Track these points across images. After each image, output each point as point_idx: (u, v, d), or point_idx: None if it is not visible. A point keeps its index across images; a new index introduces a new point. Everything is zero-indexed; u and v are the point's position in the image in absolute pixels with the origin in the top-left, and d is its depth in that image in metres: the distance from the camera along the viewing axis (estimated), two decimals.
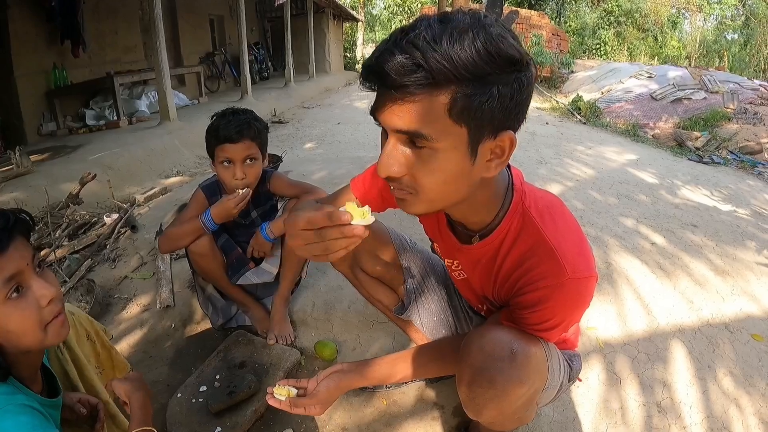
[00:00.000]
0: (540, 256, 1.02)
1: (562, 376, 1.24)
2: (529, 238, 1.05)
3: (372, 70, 0.83)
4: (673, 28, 22.85)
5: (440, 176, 0.89)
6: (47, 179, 4.13)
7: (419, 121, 0.82)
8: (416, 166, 0.88)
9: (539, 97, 12.37)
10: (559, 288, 1.00)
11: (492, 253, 1.11)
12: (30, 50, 6.05)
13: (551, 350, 1.17)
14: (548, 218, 1.05)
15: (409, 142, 0.87)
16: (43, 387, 1.14)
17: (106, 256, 2.93)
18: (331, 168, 4.58)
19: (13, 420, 0.94)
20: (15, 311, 0.97)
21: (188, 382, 1.84)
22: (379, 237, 1.55)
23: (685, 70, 11.13)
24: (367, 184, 1.33)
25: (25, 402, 0.99)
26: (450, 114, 0.82)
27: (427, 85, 0.79)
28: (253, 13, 13.84)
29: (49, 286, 1.02)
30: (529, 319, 1.07)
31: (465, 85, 0.80)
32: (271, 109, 8.68)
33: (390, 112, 0.84)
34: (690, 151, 7.15)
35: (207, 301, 2.12)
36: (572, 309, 1.06)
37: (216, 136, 1.86)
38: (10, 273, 0.95)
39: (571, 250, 1.01)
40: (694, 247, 3.22)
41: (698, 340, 2.26)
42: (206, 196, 2.01)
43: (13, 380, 1.02)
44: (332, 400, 1.28)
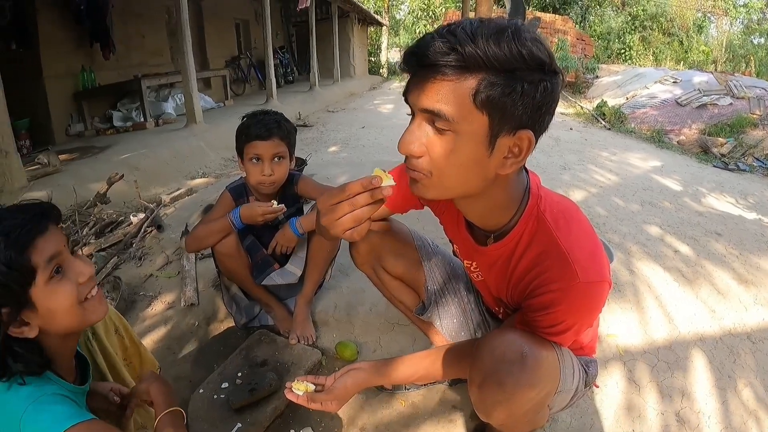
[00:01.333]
0: (552, 260, 1.04)
1: (577, 381, 1.25)
2: (542, 242, 1.07)
3: (411, 51, 0.90)
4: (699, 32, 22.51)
5: (455, 161, 0.92)
6: (75, 179, 4.23)
7: (445, 101, 0.87)
8: (435, 148, 0.92)
9: (564, 102, 12.28)
10: (570, 292, 1.01)
11: (507, 256, 1.13)
12: (59, 53, 6.19)
13: (564, 355, 1.18)
14: (563, 223, 1.07)
15: (432, 122, 0.91)
16: (76, 376, 1.19)
17: (132, 254, 3.00)
18: (355, 172, 4.62)
19: (50, 412, 0.98)
20: (57, 291, 1.01)
21: (210, 378, 1.88)
22: (402, 238, 1.58)
23: (711, 76, 10.96)
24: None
25: (57, 391, 1.03)
26: (474, 100, 0.86)
27: (458, 68, 0.85)
28: (278, 17, 13.98)
29: (86, 264, 1.08)
30: (540, 321, 1.08)
31: (493, 74, 0.85)
32: (296, 113, 8.76)
33: (419, 90, 0.90)
34: (715, 158, 7.04)
35: (231, 301, 2.17)
36: (583, 313, 1.06)
37: (247, 134, 1.94)
38: (50, 253, 1.00)
39: (583, 255, 1.03)
40: (718, 256, 3.18)
41: (719, 349, 2.24)
42: (233, 198, 2.07)
43: (48, 373, 1.06)
44: (348, 397, 1.30)
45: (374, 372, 1.31)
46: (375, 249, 1.55)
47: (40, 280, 0.99)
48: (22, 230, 0.97)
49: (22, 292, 0.98)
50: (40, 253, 0.98)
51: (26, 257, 0.97)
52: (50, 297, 1.01)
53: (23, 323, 1.00)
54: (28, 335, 1.01)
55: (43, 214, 1.03)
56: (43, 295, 1.00)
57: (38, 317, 1.01)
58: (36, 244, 0.98)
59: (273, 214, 1.91)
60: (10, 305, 0.97)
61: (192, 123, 6.23)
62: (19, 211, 1.02)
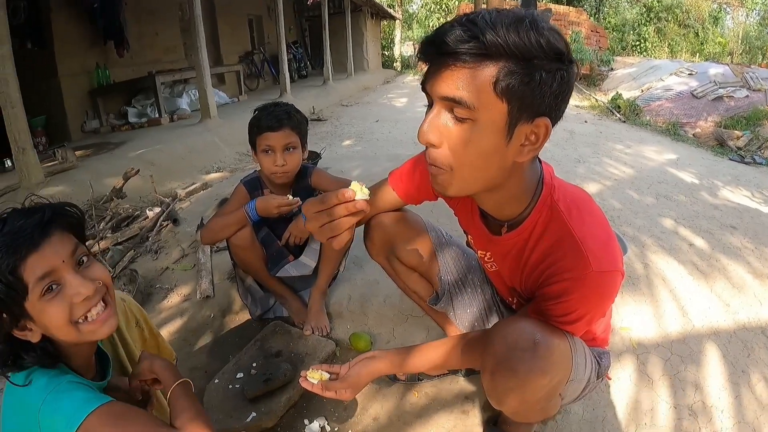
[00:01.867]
0: (565, 249, 1.05)
1: (589, 371, 1.26)
2: (555, 231, 1.07)
3: (430, 40, 0.90)
4: (715, 23, 22.13)
5: (475, 149, 0.93)
6: (91, 174, 4.29)
7: (465, 89, 0.88)
8: (454, 137, 0.93)
9: (578, 95, 12.18)
10: (583, 280, 1.02)
11: (521, 245, 1.14)
12: (73, 51, 6.28)
13: (577, 344, 1.18)
14: (575, 212, 1.07)
15: (451, 110, 0.92)
16: (96, 372, 1.18)
17: (149, 247, 3.05)
18: (369, 165, 4.63)
19: (69, 398, 0.97)
20: (49, 308, 0.97)
21: (226, 369, 1.91)
22: (415, 228, 1.59)
23: (727, 68, 10.82)
24: (405, 177, 1.40)
25: (73, 379, 1.02)
26: (494, 87, 0.87)
27: (479, 55, 0.86)
28: (291, 12, 14.01)
29: (86, 283, 1.01)
30: (553, 310, 1.08)
31: (512, 62, 0.86)
32: (310, 107, 8.78)
33: (439, 79, 0.90)
34: (731, 151, 6.97)
35: (246, 292, 2.20)
36: (595, 302, 1.06)
37: (258, 126, 1.97)
38: (43, 271, 0.95)
39: (596, 244, 1.03)
40: (733, 249, 3.16)
41: (733, 343, 2.23)
42: (248, 191, 2.10)
43: (62, 366, 1.05)
44: (362, 385, 1.31)
45: (388, 361, 1.32)
46: (389, 239, 1.55)
47: (33, 296, 0.95)
48: (17, 243, 0.93)
49: (17, 305, 0.95)
50: (30, 271, 0.94)
51: (17, 274, 0.93)
52: (41, 314, 0.97)
53: (25, 327, 0.99)
54: (31, 339, 0.99)
55: (41, 223, 0.97)
56: (36, 310, 0.97)
57: (37, 326, 0.99)
58: (27, 260, 0.94)
59: (288, 206, 1.93)
60: (7, 314, 0.96)
61: (206, 118, 6.29)
62: (24, 216, 0.97)
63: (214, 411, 1.73)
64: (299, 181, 2.13)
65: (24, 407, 0.98)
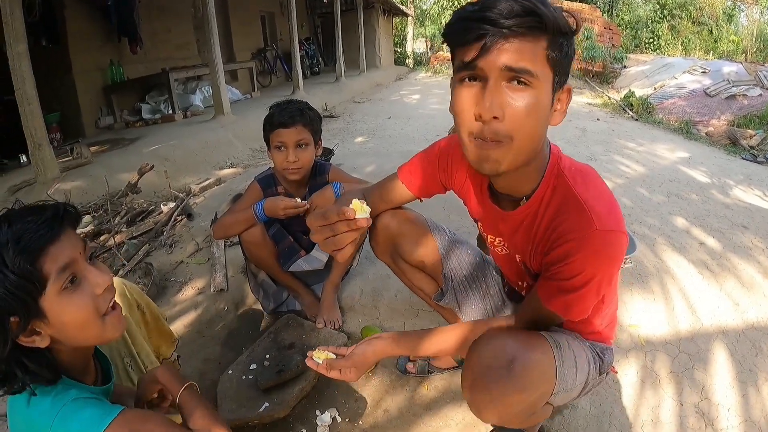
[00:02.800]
0: (570, 211, 1.08)
1: (585, 374, 1.27)
2: (561, 195, 1.11)
3: (476, 17, 0.93)
4: (729, 21, 21.89)
5: (534, 116, 0.98)
6: (106, 169, 4.35)
7: (529, 59, 0.94)
8: (517, 107, 0.97)
9: (591, 92, 12.11)
10: (588, 239, 1.03)
11: (532, 214, 1.16)
12: (87, 48, 6.35)
13: (564, 353, 1.20)
14: (580, 179, 1.11)
15: (514, 81, 0.96)
16: (97, 375, 1.13)
17: (163, 242, 3.10)
18: (381, 161, 4.66)
19: (78, 420, 0.94)
20: (71, 302, 0.95)
21: (239, 360, 1.96)
22: (418, 226, 1.61)
23: (740, 66, 10.71)
24: (414, 171, 1.43)
25: (78, 395, 0.98)
26: (547, 57, 0.96)
27: (536, 29, 0.93)
28: (303, 9, 14.03)
29: (103, 274, 1.01)
30: (559, 273, 1.09)
31: (555, 36, 0.95)
32: (322, 104, 8.81)
33: (499, 51, 0.93)
34: (744, 150, 6.91)
35: (259, 287, 2.24)
36: (602, 263, 1.06)
37: (271, 123, 2.01)
38: (64, 262, 0.94)
39: (599, 205, 1.06)
40: (743, 249, 3.15)
41: (741, 342, 2.24)
42: (261, 188, 2.13)
43: (64, 379, 1.00)
44: (367, 365, 1.32)
45: (392, 341, 1.34)
46: (393, 239, 1.58)
47: (52, 290, 0.92)
48: (34, 236, 0.91)
49: (32, 302, 0.91)
50: (52, 262, 0.92)
51: (37, 265, 0.90)
52: (63, 309, 0.94)
53: (34, 332, 0.94)
54: (39, 345, 0.94)
55: (58, 217, 0.96)
56: (55, 306, 0.93)
57: (50, 327, 0.94)
58: (48, 251, 0.92)
59: (294, 209, 1.94)
60: (20, 314, 0.90)
61: (220, 114, 6.33)
62: (33, 213, 0.95)
63: (228, 401, 1.77)
64: (316, 177, 2.16)
65: (35, 423, 0.95)
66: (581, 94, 11.81)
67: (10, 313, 0.89)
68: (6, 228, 0.91)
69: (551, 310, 1.13)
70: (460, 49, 0.98)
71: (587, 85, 13.30)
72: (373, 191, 1.51)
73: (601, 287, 1.10)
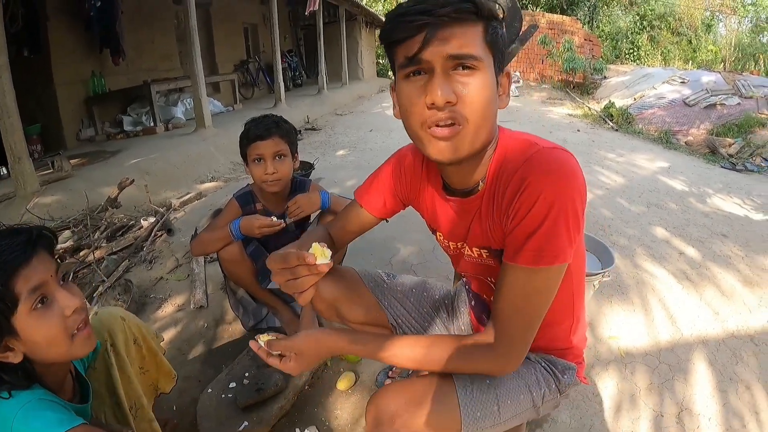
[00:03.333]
0: (513, 151, 1.08)
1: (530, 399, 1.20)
2: (505, 149, 1.10)
3: (415, 9, 0.95)
4: (708, 31, 22.31)
5: (486, 96, 0.99)
6: (86, 183, 4.29)
7: (471, 44, 0.96)
8: (468, 89, 0.97)
9: (572, 103, 12.26)
10: (534, 158, 1.01)
11: (490, 191, 1.11)
12: (69, 59, 6.28)
13: (477, 394, 1.14)
14: (524, 134, 1.13)
15: (459, 66, 0.97)
16: (75, 394, 1.18)
17: (143, 257, 3.06)
18: (362, 175, 4.60)
19: (41, 418, 0.97)
20: (41, 322, 1.00)
21: (219, 378, 1.93)
22: (353, 285, 1.51)
23: (719, 75, 10.92)
24: (371, 192, 1.39)
25: (45, 396, 1.02)
26: (486, 41, 0.99)
27: (474, 14, 0.96)
28: (286, 21, 14.03)
29: (73, 297, 1.05)
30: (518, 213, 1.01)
31: (491, 20, 0.99)
32: (304, 116, 8.80)
33: (441, 41, 0.95)
34: (723, 159, 7.02)
35: (238, 304, 2.22)
36: (558, 181, 0.98)
37: (247, 137, 2.01)
38: (34, 284, 0.98)
39: (539, 138, 1.09)
40: (723, 257, 3.20)
41: (722, 351, 2.26)
42: (240, 205, 2.12)
43: (36, 385, 1.04)
44: (314, 359, 1.18)
45: (350, 341, 1.19)
46: (331, 305, 1.46)
47: (23, 310, 0.97)
48: (7, 258, 0.96)
49: (4, 320, 0.96)
50: (23, 283, 0.97)
51: (9, 286, 0.95)
52: (33, 327, 0.99)
53: (7, 348, 0.99)
54: (12, 360, 0.99)
55: (31, 240, 1.01)
56: (26, 324, 0.98)
57: (22, 344, 0.99)
58: (19, 273, 0.97)
59: (270, 228, 1.94)
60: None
61: (201, 127, 6.30)
62: (8, 236, 1.00)
63: (208, 420, 1.75)
64: (295, 192, 2.14)
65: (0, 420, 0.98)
66: (562, 105, 11.95)
67: None
68: None
69: (522, 265, 1.00)
70: (401, 46, 0.99)
71: (568, 96, 13.46)
72: (336, 223, 1.45)
73: (569, 219, 0.98)
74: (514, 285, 1.04)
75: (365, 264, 2.80)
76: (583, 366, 1.33)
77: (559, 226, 0.98)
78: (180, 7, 6.62)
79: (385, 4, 22.96)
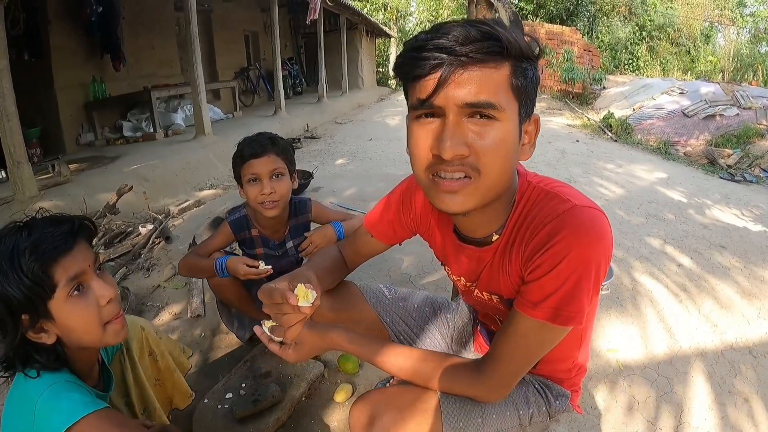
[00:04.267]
0: (542, 204, 0.99)
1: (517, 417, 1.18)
2: (531, 199, 1.02)
3: (432, 44, 0.84)
4: (706, 41, 22.42)
5: (503, 151, 0.89)
6: (85, 189, 4.30)
7: (491, 90, 0.85)
8: (483, 141, 0.87)
9: (571, 113, 12.29)
10: (568, 216, 0.93)
11: (504, 244, 1.07)
12: (70, 63, 6.30)
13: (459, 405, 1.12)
14: (549, 181, 1.05)
15: (476, 115, 0.87)
16: (99, 383, 1.23)
17: (141, 265, 3.05)
18: (362, 185, 4.65)
19: (67, 398, 1.02)
20: (76, 308, 1.05)
21: (215, 389, 1.92)
22: (354, 302, 1.49)
23: (717, 86, 10.95)
24: (380, 220, 1.35)
25: (70, 379, 1.07)
26: (511, 85, 0.87)
27: (497, 54, 0.84)
28: (287, 29, 14.10)
29: (109, 287, 1.10)
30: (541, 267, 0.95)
31: (517, 61, 0.87)
32: (304, 124, 8.82)
33: (457, 85, 0.84)
34: (721, 169, 7.03)
35: (233, 319, 2.15)
36: (589, 242, 0.92)
37: (241, 155, 1.87)
38: (74, 273, 1.03)
39: (574, 193, 1.00)
40: (721, 269, 3.19)
41: (720, 364, 2.25)
42: (233, 232, 2.00)
43: (65, 370, 1.09)
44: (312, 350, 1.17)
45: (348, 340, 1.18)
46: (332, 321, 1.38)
47: (60, 296, 1.02)
48: (49, 246, 1.01)
49: (42, 304, 1.01)
50: (63, 271, 1.02)
51: (49, 273, 1.00)
52: (69, 313, 1.04)
53: (42, 330, 1.04)
54: (45, 342, 1.04)
55: (73, 231, 1.06)
56: (62, 310, 1.03)
57: (56, 327, 1.04)
58: (60, 261, 1.02)
59: (256, 275, 1.82)
60: (30, 313, 1.01)
61: (201, 134, 6.31)
62: (52, 224, 1.05)
63: (204, 430, 1.73)
64: (297, 216, 2.04)
65: (24, 398, 1.03)
66: (561, 115, 11.98)
67: (21, 311, 1.00)
68: (26, 235, 1.01)
69: (537, 319, 0.96)
70: (414, 84, 0.89)
71: (567, 106, 13.50)
72: (347, 245, 1.45)
73: (590, 282, 0.94)
74: (520, 332, 1.01)
75: (363, 274, 2.79)
76: (578, 394, 1.32)
77: (581, 288, 0.94)
78: (181, 14, 6.65)
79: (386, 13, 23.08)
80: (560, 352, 1.15)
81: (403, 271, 2.95)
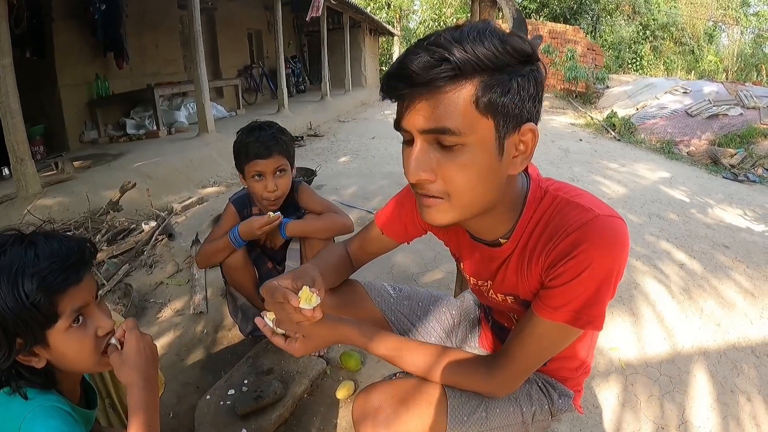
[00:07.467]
0: (564, 212, 0.98)
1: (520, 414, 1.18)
2: (550, 205, 1.01)
3: (395, 74, 0.85)
4: (710, 41, 22.40)
5: (472, 174, 0.88)
6: (89, 186, 4.30)
7: (448, 115, 0.83)
8: (446, 167, 0.87)
9: (574, 112, 12.28)
10: (592, 225, 0.93)
11: (522, 246, 1.06)
12: (73, 62, 6.33)
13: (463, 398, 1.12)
14: (567, 188, 1.03)
15: (437, 142, 0.87)
16: (81, 399, 1.19)
17: (143, 261, 3.06)
18: (364, 183, 4.66)
19: (44, 425, 0.98)
20: (74, 339, 1.02)
21: (217, 385, 1.92)
22: (358, 300, 1.49)
23: (721, 86, 10.92)
24: (391, 217, 1.34)
25: (56, 403, 1.03)
26: (477, 106, 0.83)
27: (453, 77, 0.81)
28: (290, 27, 14.11)
29: (107, 318, 1.07)
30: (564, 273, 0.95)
31: (488, 75, 0.82)
32: (307, 122, 8.82)
33: (415, 112, 0.85)
34: (725, 169, 7.02)
35: (237, 310, 2.19)
36: (612, 251, 0.92)
37: (246, 153, 1.93)
38: (78, 305, 1.01)
39: (595, 201, 0.98)
40: (724, 269, 3.19)
41: (722, 363, 2.25)
42: (237, 210, 2.08)
43: (54, 391, 1.06)
44: (320, 342, 1.14)
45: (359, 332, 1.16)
46: None
47: (61, 326, 0.99)
48: (60, 277, 0.97)
49: (40, 331, 0.98)
50: (68, 302, 0.99)
51: (54, 302, 0.97)
52: (66, 342, 1.01)
53: (33, 354, 1.01)
54: (35, 365, 1.01)
55: (84, 260, 1.03)
56: (60, 339, 1.00)
57: (49, 354, 1.02)
58: (68, 292, 0.99)
59: (270, 225, 1.91)
60: (26, 338, 0.97)
61: (204, 132, 6.31)
62: (60, 248, 1.01)
63: (206, 427, 1.74)
64: (286, 197, 2.09)
65: (9, 416, 0.99)
66: (564, 114, 11.97)
67: (17, 335, 0.96)
68: (33, 256, 0.97)
69: (556, 321, 0.97)
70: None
71: (570, 105, 13.49)
72: (354, 242, 1.43)
73: (610, 289, 0.95)
74: (537, 333, 1.02)
75: (365, 272, 2.79)
76: (580, 394, 1.32)
77: (601, 295, 0.94)
78: (184, 12, 6.65)
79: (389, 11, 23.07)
80: (571, 351, 1.17)
81: (406, 269, 2.95)
